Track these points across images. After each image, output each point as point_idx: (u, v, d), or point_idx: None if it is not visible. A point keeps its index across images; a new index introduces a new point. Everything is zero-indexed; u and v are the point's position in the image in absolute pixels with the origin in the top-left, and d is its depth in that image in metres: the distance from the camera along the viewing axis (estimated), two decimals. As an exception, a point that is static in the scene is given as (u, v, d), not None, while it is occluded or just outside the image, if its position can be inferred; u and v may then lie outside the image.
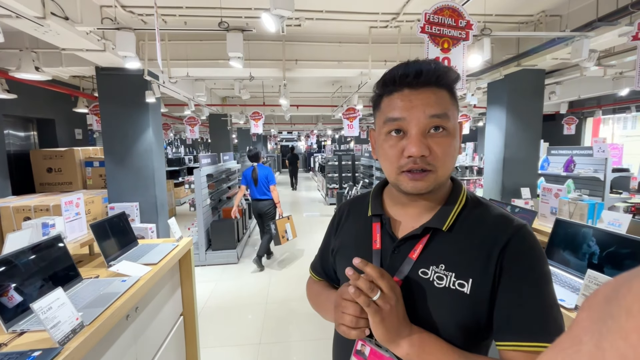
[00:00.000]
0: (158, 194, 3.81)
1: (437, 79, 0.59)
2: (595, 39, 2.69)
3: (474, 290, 0.57)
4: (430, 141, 0.58)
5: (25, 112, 4.92)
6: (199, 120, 6.86)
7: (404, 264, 0.62)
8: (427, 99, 0.58)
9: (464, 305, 0.57)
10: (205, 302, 3.35)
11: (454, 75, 0.61)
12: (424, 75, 0.58)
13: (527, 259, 0.57)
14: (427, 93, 0.58)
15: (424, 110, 0.57)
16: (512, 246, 0.57)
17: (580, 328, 0.18)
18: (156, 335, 1.74)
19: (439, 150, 0.58)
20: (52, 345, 0.98)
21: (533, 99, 3.90)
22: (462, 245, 0.60)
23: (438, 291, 0.59)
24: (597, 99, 6.58)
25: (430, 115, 0.57)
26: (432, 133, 0.58)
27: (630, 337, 0.15)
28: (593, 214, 1.94)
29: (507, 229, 0.59)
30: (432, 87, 0.59)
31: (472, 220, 0.62)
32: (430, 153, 0.58)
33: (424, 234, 0.63)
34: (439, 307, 0.59)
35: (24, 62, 2.97)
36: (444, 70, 0.59)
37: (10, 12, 1.96)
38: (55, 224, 1.66)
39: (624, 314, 0.15)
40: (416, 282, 0.61)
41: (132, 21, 3.15)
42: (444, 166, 0.59)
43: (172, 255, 1.82)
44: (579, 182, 4.15)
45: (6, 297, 1.11)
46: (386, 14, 3.21)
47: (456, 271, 0.59)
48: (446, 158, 0.59)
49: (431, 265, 0.61)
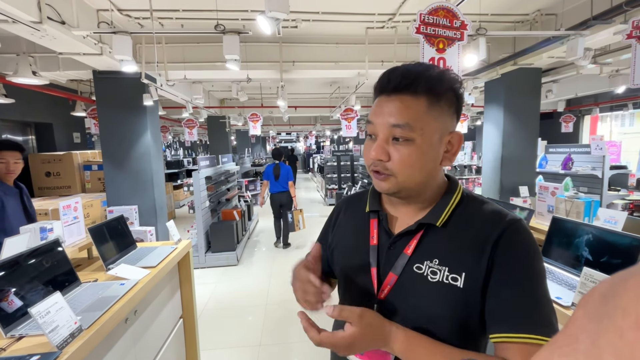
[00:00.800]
0: (157, 196, 3.81)
1: (410, 85, 0.58)
2: (591, 38, 2.71)
3: (467, 284, 0.58)
4: (392, 148, 0.60)
5: (23, 117, 4.92)
6: (197, 122, 6.86)
7: (399, 260, 0.63)
8: (393, 108, 0.59)
9: (458, 299, 0.58)
10: (205, 304, 3.35)
11: (438, 81, 0.58)
12: (392, 82, 0.59)
13: (518, 253, 0.58)
14: (395, 102, 0.59)
15: (388, 119, 0.59)
16: (504, 240, 0.58)
17: (576, 326, 0.18)
18: (156, 338, 1.74)
19: (396, 158, 0.59)
20: (51, 350, 0.99)
21: (530, 98, 3.91)
22: (456, 240, 0.61)
23: (432, 285, 0.60)
24: (594, 96, 6.60)
25: (392, 125, 0.59)
26: (395, 141, 0.60)
27: (626, 335, 0.15)
28: (589, 211, 1.95)
29: (500, 223, 0.60)
30: (404, 95, 0.59)
31: (467, 216, 0.63)
32: (389, 159, 0.60)
33: (419, 229, 0.64)
34: (433, 301, 0.60)
35: (21, 66, 2.98)
36: (426, 76, 0.58)
37: (7, 17, 1.96)
38: (53, 228, 1.66)
39: (619, 313, 0.16)
40: (411, 277, 0.62)
41: (128, 25, 3.15)
42: (403, 173, 0.60)
43: (171, 257, 1.83)
44: (577, 180, 4.16)
45: (5, 302, 1.11)
46: (382, 14, 3.22)
47: (449, 265, 0.60)
48: (404, 166, 0.59)
49: (425, 260, 0.62)
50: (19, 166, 2.14)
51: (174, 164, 9.38)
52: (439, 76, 0.59)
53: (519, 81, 3.84)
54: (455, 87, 0.61)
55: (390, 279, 0.64)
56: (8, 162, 2.08)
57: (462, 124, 6.59)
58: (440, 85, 0.59)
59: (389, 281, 0.64)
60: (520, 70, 3.73)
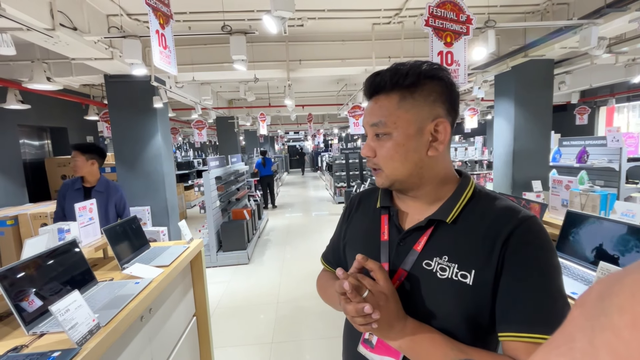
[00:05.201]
0: (168, 197, 3.87)
1: (385, 85, 0.62)
2: (605, 26, 2.63)
3: (476, 282, 0.58)
4: (376, 144, 0.65)
5: (39, 122, 5.06)
6: (206, 123, 6.94)
7: (409, 256, 0.63)
8: (370, 109, 0.65)
9: (467, 296, 0.58)
10: (218, 302, 3.40)
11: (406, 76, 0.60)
12: (369, 88, 0.65)
13: (531, 250, 0.57)
14: (371, 104, 0.65)
15: (367, 120, 0.66)
16: (516, 237, 0.57)
17: (573, 325, 0.18)
18: (170, 336, 1.77)
19: (379, 153, 0.65)
20: (71, 346, 1.02)
21: (542, 90, 3.82)
22: (466, 237, 0.61)
23: (441, 282, 0.60)
24: (609, 87, 6.41)
25: (370, 125, 0.65)
26: (376, 138, 0.65)
27: (622, 334, 0.15)
28: (605, 205, 1.90)
29: (512, 220, 0.59)
30: (379, 95, 0.64)
31: (478, 213, 0.62)
32: (375, 155, 0.65)
33: (429, 226, 0.64)
34: (442, 298, 0.60)
35: (35, 73, 3.06)
36: (394, 74, 0.61)
37: (22, 25, 2.02)
38: (70, 229, 1.71)
39: (616, 311, 0.16)
40: (420, 273, 0.62)
41: (138, 29, 3.21)
42: (387, 166, 0.64)
43: (184, 257, 1.86)
44: (593, 173, 4.04)
45: (26, 302, 1.15)
46: (389, 9, 3.19)
47: (459, 262, 0.59)
48: (386, 160, 0.64)
49: (435, 256, 0.61)
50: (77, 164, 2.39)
51: (185, 165, 9.51)
52: (407, 71, 0.61)
53: (531, 73, 3.75)
54: (434, 75, 0.61)
55: (400, 274, 0.64)
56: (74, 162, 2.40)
57: (472, 118, 6.47)
58: (406, 79, 0.60)
59: (399, 276, 0.64)
60: (531, 62, 3.65)
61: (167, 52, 1.88)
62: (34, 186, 4.93)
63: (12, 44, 2.03)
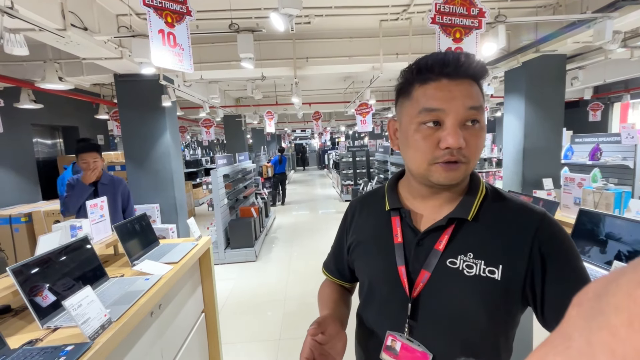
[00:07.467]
0: (177, 195, 3.92)
1: (473, 72, 0.59)
2: (620, 20, 2.55)
3: (504, 276, 0.58)
4: (466, 133, 0.57)
5: (51, 121, 5.17)
6: (214, 121, 6.99)
7: (431, 256, 0.62)
8: (466, 91, 0.57)
9: (496, 291, 0.58)
10: (226, 299, 3.43)
11: (486, 71, 0.61)
12: (464, 66, 0.58)
13: (563, 244, 0.59)
14: (465, 85, 0.58)
15: (464, 102, 0.57)
16: (545, 232, 0.59)
17: (570, 325, 0.18)
18: (179, 331, 1.80)
19: (473, 143, 0.58)
20: (84, 340, 1.04)
21: (554, 86, 3.74)
22: (489, 233, 0.61)
23: (469, 279, 0.59)
24: (624, 82, 6.23)
25: (469, 107, 0.57)
26: (467, 125, 0.58)
27: (618, 332, 0.15)
28: (620, 203, 1.85)
29: (533, 215, 0.60)
30: (469, 80, 0.59)
31: (496, 210, 0.63)
32: (466, 145, 0.57)
33: (449, 224, 0.63)
34: (470, 296, 0.59)
35: (48, 73, 3.12)
36: (480, 64, 0.60)
37: (34, 25, 2.06)
38: (82, 226, 1.74)
39: (612, 310, 0.16)
40: (445, 272, 0.61)
41: (146, 28, 3.23)
42: (475, 158, 0.60)
43: (192, 254, 1.88)
44: (606, 171, 3.96)
45: (40, 297, 1.18)
46: (396, 6, 3.16)
47: (485, 259, 0.59)
48: (478, 151, 0.59)
49: (459, 254, 0.61)
50: (98, 164, 2.43)
51: (193, 163, 9.61)
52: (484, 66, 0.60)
53: (542, 69, 3.67)
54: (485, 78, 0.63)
55: (423, 276, 0.62)
56: (88, 162, 2.40)
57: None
58: (485, 75, 0.61)
59: (422, 279, 0.62)
60: (543, 57, 3.57)
61: (178, 50, 1.88)
62: (46, 184, 5.04)
63: (25, 45, 2.07)
